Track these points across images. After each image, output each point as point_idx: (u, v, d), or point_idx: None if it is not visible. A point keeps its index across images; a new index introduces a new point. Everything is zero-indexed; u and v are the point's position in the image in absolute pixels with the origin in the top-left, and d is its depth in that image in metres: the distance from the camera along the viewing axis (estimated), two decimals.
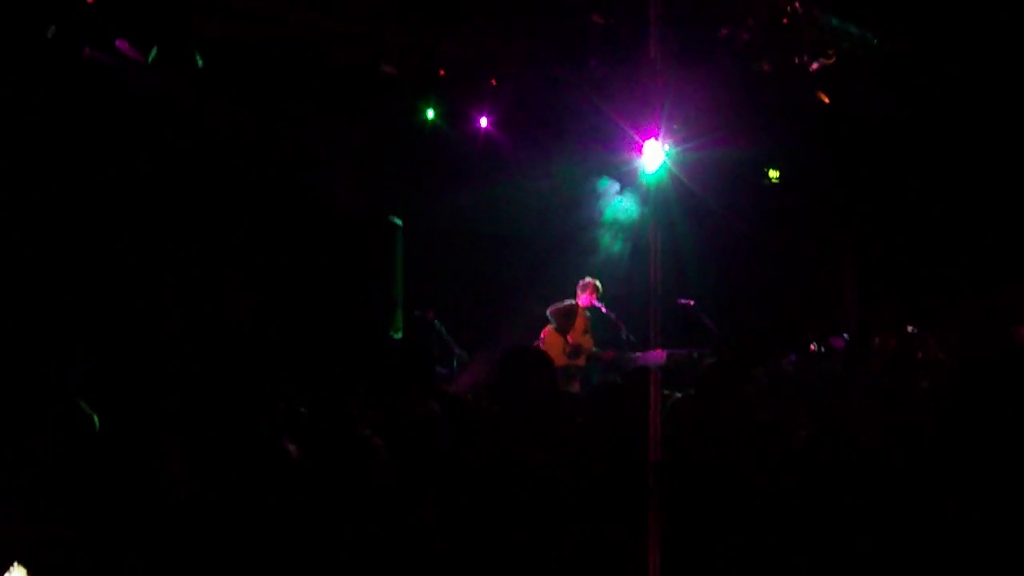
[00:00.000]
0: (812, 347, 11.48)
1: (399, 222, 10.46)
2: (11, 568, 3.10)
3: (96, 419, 4.25)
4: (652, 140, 12.27)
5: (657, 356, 11.00)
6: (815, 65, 11.39)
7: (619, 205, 13.56)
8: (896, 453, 3.88)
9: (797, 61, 11.32)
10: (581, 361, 11.51)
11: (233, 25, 9.72)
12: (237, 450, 3.40)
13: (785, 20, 10.73)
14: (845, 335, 11.85)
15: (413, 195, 11.64)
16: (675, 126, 11.98)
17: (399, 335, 9.41)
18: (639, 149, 12.13)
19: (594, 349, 11.61)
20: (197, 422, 4.50)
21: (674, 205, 13.09)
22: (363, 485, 3.24)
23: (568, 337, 11.41)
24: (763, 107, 12.26)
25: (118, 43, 9.02)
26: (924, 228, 14.15)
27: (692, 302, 12.30)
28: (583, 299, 11.57)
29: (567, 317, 11.45)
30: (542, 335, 11.49)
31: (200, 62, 9.36)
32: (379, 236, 9.52)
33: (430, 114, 11.78)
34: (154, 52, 9.18)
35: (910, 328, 11.44)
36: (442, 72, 11.37)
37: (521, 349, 5.33)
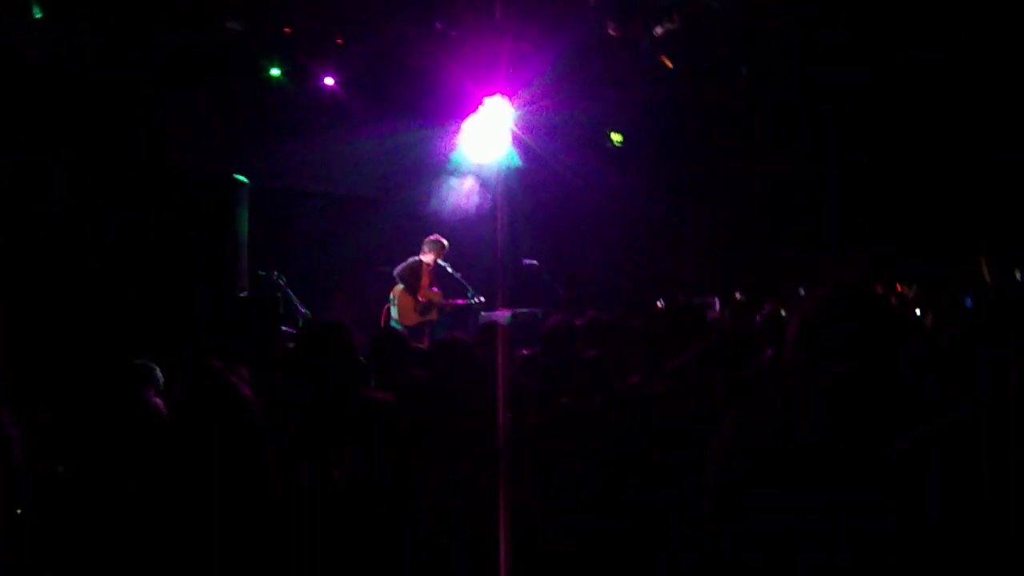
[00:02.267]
0: (658, 304, 11.74)
1: (245, 180, 10.30)
2: None
3: None
4: (496, 97, 12.44)
5: (501, 315, 11.16)
6: (659, 29, 11.62)
7: (464, 169, 13.64)
8: None
9: (640, 23, 11.53)
10: (433, 315, 11.61)
11: None
12: (100, 411, 3.35)
13: None
14: (659, 301, 12.11)
15: (260, 153, 11.48)
16: (519, 88, 12.11)
17: (244, 294, 9.31)
18: (479, 107, 12.29)
19: (443, 303, 11.72)
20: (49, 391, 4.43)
21: (518, 167, 13.25)
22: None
23: (418, 296, 11.47)
24: (607, 69, 12.44)
25: None
26: (766, 193, 14.55)
27: (536, 263, 12.47)
28: (427, 256, 11.62)
29: (413, 274, 11.51)
30: (392, 294, 11.53)
31: (38, 12, 9.07)
32: (224, 193, 9.37)
33: (275, 72, 11.62)
34: None
35: (738, 295, 11.81)
36: (288, 30, 11.22)
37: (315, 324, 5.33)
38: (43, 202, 8.62)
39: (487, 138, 13.00)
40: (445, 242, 11.72)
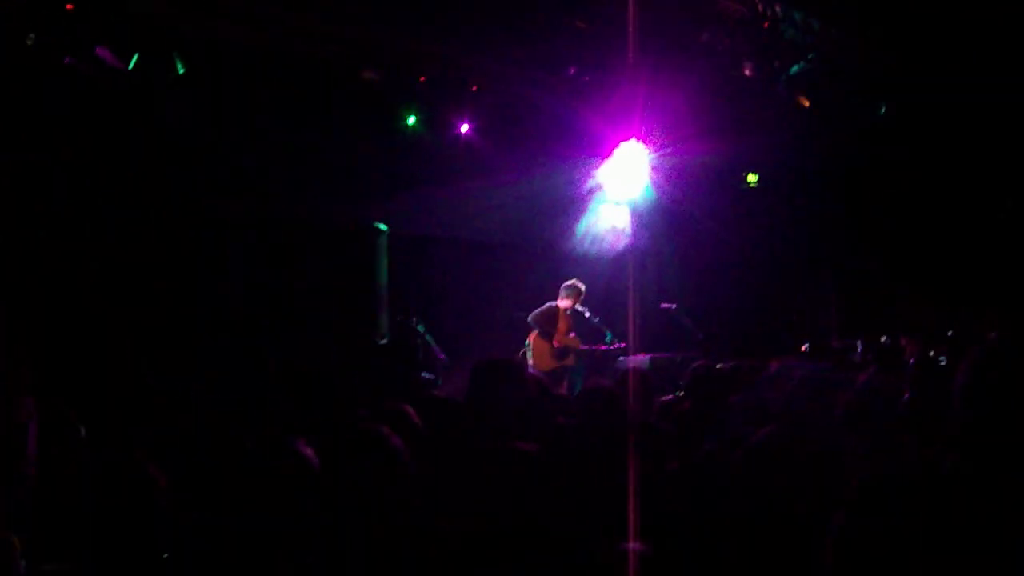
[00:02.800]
0: (803, 348, 11.49)
1: (384, 227, 10.45)
2: None
3: None
4: (631, 141, 12.39)
5: (640, 360, 11.07)
6: (795, 68, 11.46)
7: (601, 212, 13.57)
8: None
9: (777, 64, 11.38)
10: (570, 361, 11.55)
11: (214, 27, 9.66)
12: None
13: (765, 24, 10.77)
14: (805, 345, 11.83)
15: (397, 201, 11.62)
16: (654, 131, 12.05)
17: (385, 340, 9.40)
18: (615, 151, 12.24)
19: (581, 347, 11.65)
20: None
21: (654, 210, 13.16)
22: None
23: (554, 341, 11.43)
24: (742, 111, 12.30)
25: (98, 50, 8.97)
26: (905, 235, 14.18)
27: (674, 306, 12.33)
28: (564, 302, 11.59)
29: (549, 320, 11.48)
30: (528, 340, 11.50)
31: (181, 68, 9.32)
32: (364, 242, 9.50)
33: (411, 120, 11.75)
34: (135, 58, 9.14)
35: (883, 338, 11.46)
36: (423, 78, 11.35)
37: (492, 361, 5.28)
38: (208, 266, 8.82)
39: (623, 182, 12.96)
40: (582, 287, 11.67)
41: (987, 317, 11.33)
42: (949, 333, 10.65)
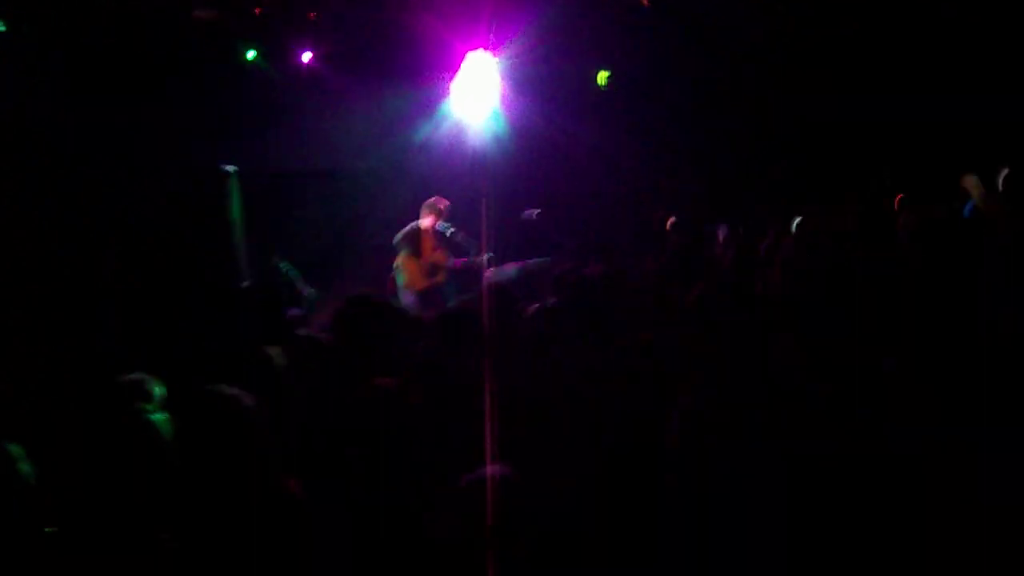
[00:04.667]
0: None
1: (233, 168, 10.25)
2: None
3: None
4: (479, 51, 12.30)
5: (507, 270, 11.12)
6: None
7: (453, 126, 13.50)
8: None
9: None
10: (441, 278, 11.53)
11: None
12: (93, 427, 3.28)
13: None
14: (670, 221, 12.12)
15: (244, 141, 11.40)
16: (502, 41, 11.99)
17: (246, 283, 9.27)
18: (463, 63, 12.17)
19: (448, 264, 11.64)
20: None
21: (507, 119, 13.13)
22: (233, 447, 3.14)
23: (421, 260, 11.41)
24: (590, 17, 12.29)
25: None
26: (766, 132, 14.44)
27: (536, 212, 12.39)
28: (425, 220, 11.54)
29: (413, 240, 11.43)
30: (396, 262, 11.46)
31: (2, 26, 9.00)
32: (214, 186, 9.31)
33: (251, 55, 11.49)
34: None
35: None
36: (258, 11, 11.09)
37: (354, 298, 5.25)
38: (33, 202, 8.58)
39: (473, 95, 12.89)
40: (443, 205, 11.62)
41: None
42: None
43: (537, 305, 6.37)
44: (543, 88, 13.21)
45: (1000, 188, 7.65)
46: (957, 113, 11.77)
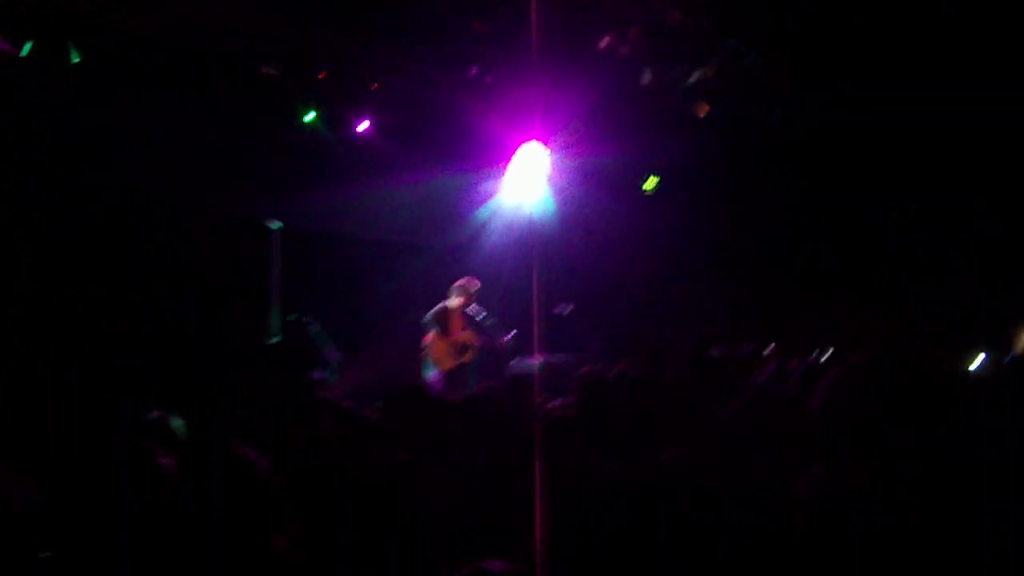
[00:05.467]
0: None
1: (277, 226, 10.30)
2: None
3: None
4: (532, 143, 12.42)
5: (533, 362, 11.09)
6: (694, 76, 11.56)
7: (500, 214, 13.56)
8: None
9: (675, 72, 11.47)
10: (468, 357, 11.50)
11: (111, 16, 9.44)
12: (103, 463, 3.25)
13: (665, 31, 10.85)
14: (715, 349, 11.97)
15: (291, 199, 11.47)
16: (554, 133, 12.09)
17: (275, 340, 9.28)
18: (515, 152, 12.29)
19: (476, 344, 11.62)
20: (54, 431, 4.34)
21: (553, 212, 13.21)
22: (238, 503, 3.11)
23: (450, 338, 11.40)
24: (642, 115, 12.37)
25: None
26: (804, 242, 14.37)
27: (570, 306, 12.37)
28: (454, 301, 11.57)
29: (442, 318, 11.45)
30: (425, 340, 11.45)
31: (75, 57, 9.10)
32: (256, 240, 9.36)
33: (309, 116, 11.61)
34: (28, 46, 8.91)
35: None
36: (322, 75, 11.23)
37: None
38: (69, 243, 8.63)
39: (523, 184, 12.98)
40: (472, 287, 11.64)
41: (872, 328, 11.58)
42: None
43: (558, 402, 6.31)
44: (592, 184, 13.27)
45: None
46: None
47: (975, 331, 10.42)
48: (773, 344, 11.39)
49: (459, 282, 11.67)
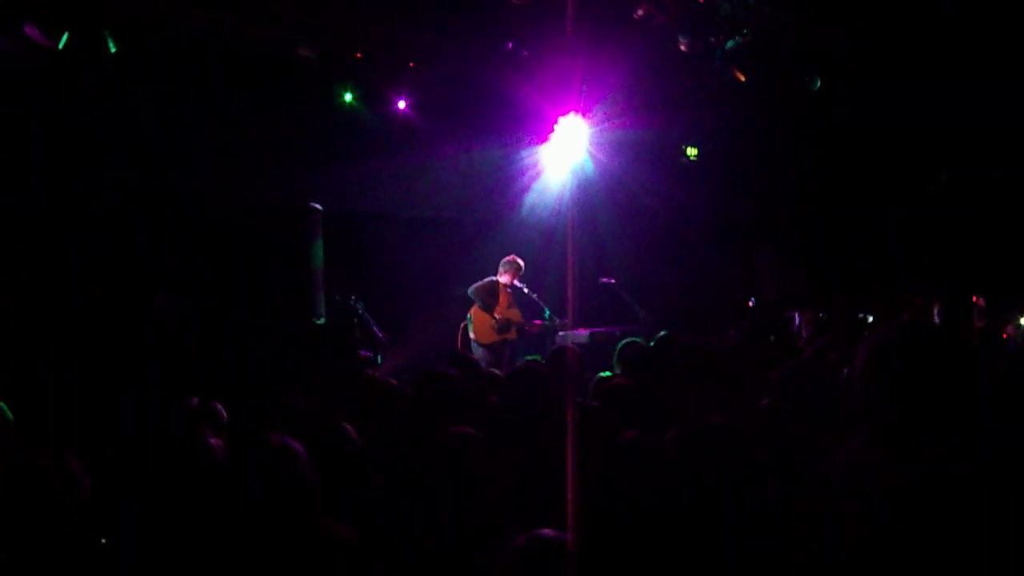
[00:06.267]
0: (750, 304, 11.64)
1: (319, 207, 10.35)
2: None
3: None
4: (570, 115, 12.42)
5: (579, 335, 11.10)
6: (730, 44, 11.51)
7: (540, 187, 13.57)
8: None
9: (712, 40, 11.41)
10: (512, 334, 11.55)
11: (146, 5, 9.52)
12: (153, 445, 3.32)
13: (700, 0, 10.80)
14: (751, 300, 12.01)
15: (332, 179, 11.55)
16: (593, 105, 12.08)
17: (322, 320, 9.34)
18: (554, 125, 12.29)
19: (521, 322, 11.66)
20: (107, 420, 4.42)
21: (593, 184, 13.21)
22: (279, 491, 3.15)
23: (495, 313, 11.43)
24: (680, 85, 12.33)
25: (27, 28, 8.83)
26: (838, 211, 14.33)
27: (613, 280, 12.38)
28: (504, 277, 11.59)
29: (489, 294, 11.48)
30: (469, 313, 11.50)
31: (113, 47, 9.18)
32: (299, 221, 9.43)
33: (348, 97, 11.66)
34: (65, 37, 8.99)
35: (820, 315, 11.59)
36: (359, 55, 11.27)
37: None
38: (117, 234, 8.74)
39: (563, 157, 13.01)
40: (520, 262, 11.66)
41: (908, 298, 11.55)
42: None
43: (603, 375, 6.34)
44: (631, 155, 13.27)
45: None
46: None
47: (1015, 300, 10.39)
48: (819, 313, 11.39)
49: (507, 258, 11.69)
